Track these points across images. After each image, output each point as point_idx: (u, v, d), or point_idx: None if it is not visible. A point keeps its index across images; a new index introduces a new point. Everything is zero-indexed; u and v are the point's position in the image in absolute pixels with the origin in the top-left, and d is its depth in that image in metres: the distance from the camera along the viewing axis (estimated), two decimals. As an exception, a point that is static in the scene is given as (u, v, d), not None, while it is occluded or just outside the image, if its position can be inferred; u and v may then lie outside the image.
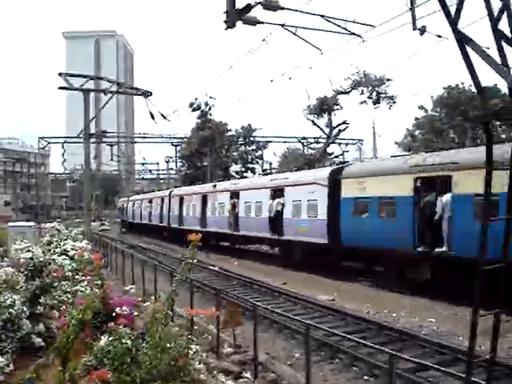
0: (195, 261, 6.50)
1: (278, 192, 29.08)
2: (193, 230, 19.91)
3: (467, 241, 13.47)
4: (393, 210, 20.05)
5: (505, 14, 4.22)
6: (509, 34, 4.24)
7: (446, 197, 17.62)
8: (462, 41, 4.15)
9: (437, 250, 17.93)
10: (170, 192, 50.92)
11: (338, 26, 19.19)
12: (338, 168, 25.65)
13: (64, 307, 7.84)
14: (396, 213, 19.84)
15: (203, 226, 38.68)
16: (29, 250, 8.54)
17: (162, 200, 50.90)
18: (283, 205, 28.00)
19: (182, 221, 44.25)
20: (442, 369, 7.41)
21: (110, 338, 5.68)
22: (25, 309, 7.22)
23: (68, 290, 8.45)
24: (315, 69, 55.85)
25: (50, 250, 11.26)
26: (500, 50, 4.22)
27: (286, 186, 28.33)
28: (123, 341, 5.61)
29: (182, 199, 45.41)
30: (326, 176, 24.88)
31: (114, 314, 6.72)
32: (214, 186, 39.96)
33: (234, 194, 35.27)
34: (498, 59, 4.19)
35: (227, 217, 34.84)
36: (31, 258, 8.06)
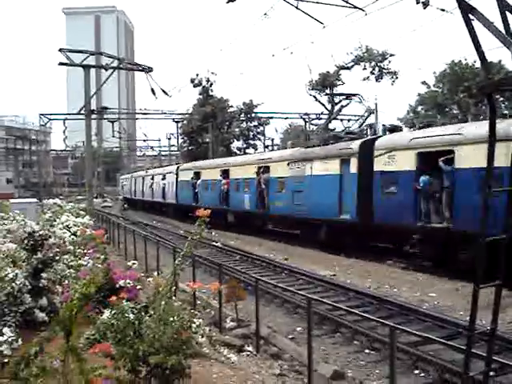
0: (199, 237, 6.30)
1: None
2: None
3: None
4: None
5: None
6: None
7: None
8: (465, 9, 4.09)
9: None
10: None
11: (341, -1, 18.97)
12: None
13: (67, 282, 7.87)
14: None
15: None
16: (26, 224, 8.57)
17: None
18: None
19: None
20: (443, 341, 7.44)
21: (113, 312, 5.71)
22: (27, 283, 7.25)
23: (71, 263, 8.49)
24: (317, 43, 55.54)
25: (51, 226, 11.28)
26: (504, 20, 4.15)
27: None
28: (126, 314, 5.64)
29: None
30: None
31: (117, 287, 6.76)
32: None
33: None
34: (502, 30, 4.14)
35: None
36: (32, 232, 8.07)
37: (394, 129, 24.09)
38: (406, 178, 19.51)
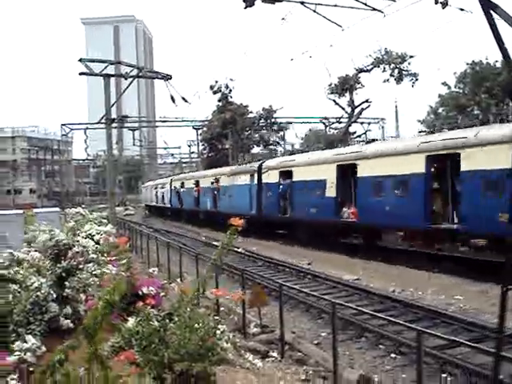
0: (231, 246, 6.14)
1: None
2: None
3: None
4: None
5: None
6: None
7: None
8: (488, 6, 4.01)
9: None
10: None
11: (359, 1, 18.84)
12: None
13: (90, 289, 7.89)
14: None
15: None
16: (53, 234, 8.60)
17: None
18: None
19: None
20: (471, 344, 7.33)
21: (138, 319, 5.71)
22: (51, 291, 7.28)
23: (95, 272, 8.50)
24: (336, 46, 55.41)
25: (74, 235, 11.33)
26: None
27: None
28: (151, 321, 5.63)
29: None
30: None
31: (140, 294, 6.76)
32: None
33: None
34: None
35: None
36: (56, 241, 8.10)
37: (370, 141, 29.25)
38: (274, 187, 31.70)
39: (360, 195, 24.10)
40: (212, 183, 42.43)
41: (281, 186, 30.29)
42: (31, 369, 4.83)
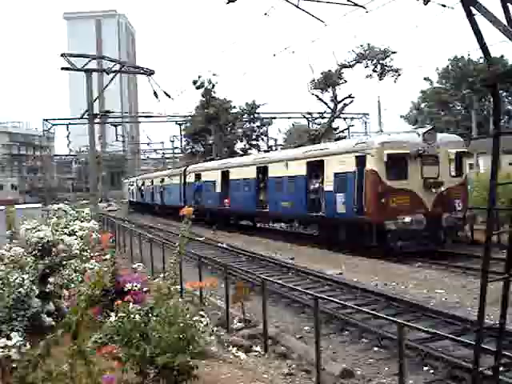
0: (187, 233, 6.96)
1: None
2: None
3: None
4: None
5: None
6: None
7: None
8: (468, 2, 4.05)
9: None
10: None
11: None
12: None
13: (73, 286, 7.87)
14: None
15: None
16: (38, 230, 8.56)
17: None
18: None
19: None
20: (452, 337, 7.42)
21: (119, 315, 5.72)
22: (34, 288, 7.25)
23: (78, 268, 8.47)
24: (319, 42, 55.44)
25: (57, 231, 11.27)
26: (506, 11, 4.12)
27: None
28: (132, 316, 5.64)
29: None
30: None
31: (124, 290, 6.75)
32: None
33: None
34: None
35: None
36: (41, 238, 8.07)
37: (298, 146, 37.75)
38: (192, 185, 42.68)
39: (232, 190, 35.83)
40: (159, 182, 54.54)
41: (194, 185, 42.20)
42: (14, 365, 4.82)
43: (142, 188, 64.53)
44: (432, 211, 21.03)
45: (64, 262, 8.14)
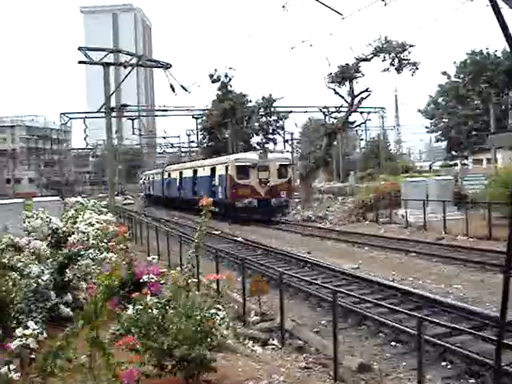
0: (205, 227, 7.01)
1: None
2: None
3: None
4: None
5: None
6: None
7: None
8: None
9: None
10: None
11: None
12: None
13: (91, 277, 7.90)
14: None
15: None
16: (47, 221, 8.61)
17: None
18: None
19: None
20: (472, 331, 7.33)
21: (137, 307, 5.71)
22: (52, 279, 7.28)
23: (96, 258, 8.47)
24: (336, 35, 54.61)
25: (74, 223, 11.32)
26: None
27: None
28: (149, 310, 5.63)
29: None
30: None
31: (140, 282, 6.76)
32: None
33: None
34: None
35: None
36: (53, 229, 8.11)
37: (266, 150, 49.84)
38: (167, 180, 58.36)
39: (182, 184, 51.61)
40: (153, 177, 69.86)
41: (167, 180, 58.16)
42: (33, 356, 4.83)
43: (146, 182, 76.87)
44: (264, 197, 36.82)
45: (82, 252, 8.16)
